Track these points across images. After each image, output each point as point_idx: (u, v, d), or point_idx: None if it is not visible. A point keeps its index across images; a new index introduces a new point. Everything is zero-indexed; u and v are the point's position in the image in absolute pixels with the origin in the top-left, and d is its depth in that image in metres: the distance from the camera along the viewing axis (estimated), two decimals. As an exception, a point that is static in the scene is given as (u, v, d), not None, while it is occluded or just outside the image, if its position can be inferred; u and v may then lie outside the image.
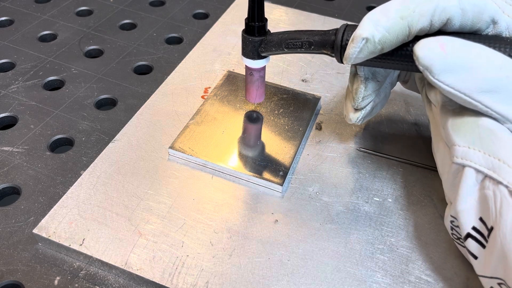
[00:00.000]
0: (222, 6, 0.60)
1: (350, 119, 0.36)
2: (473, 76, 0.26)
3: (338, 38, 0.31)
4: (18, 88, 0.46)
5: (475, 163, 0.26)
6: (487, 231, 0.26)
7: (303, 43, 0.33)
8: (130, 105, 0.44)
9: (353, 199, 0.35)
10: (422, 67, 0.27)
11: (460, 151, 0.27)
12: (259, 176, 0.36)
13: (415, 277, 0.31)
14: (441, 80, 0.26)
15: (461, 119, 0.28)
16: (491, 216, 0.25)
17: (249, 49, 0.36)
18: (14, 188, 0.37)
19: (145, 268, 0.30)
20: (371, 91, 0.34)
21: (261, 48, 0.35)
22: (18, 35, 0.53)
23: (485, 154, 0.26)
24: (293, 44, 0.33)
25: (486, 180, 0.26)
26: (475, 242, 0.27)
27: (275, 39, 0.34)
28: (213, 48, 0.50)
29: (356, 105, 0.35)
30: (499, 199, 0.25)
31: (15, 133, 0.41)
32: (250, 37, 0.35)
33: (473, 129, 0.27)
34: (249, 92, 0.39)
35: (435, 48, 0.26)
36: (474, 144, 0.27)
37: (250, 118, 0.41)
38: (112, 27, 0.56)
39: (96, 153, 0.39)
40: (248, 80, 0.38)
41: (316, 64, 0.49)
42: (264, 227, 0.33)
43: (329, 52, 0.32)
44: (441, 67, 0.26)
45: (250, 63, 0.37)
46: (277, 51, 0.35)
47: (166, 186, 0.36)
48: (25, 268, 0.31)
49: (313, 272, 0.31)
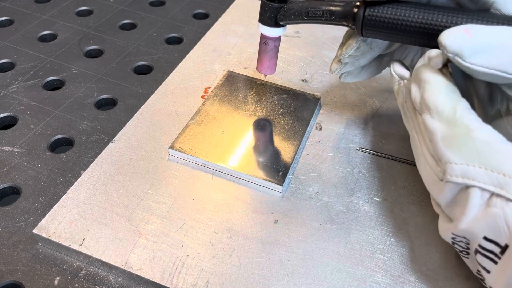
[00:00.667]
0: (222, 6, 0.60)
1: (330, 68, 0.37)
2: (504, 52, 0.26)
3: (360, 10, 0.31)
4: (18, 88, 0.46)
5: (479, 181, 0.25)
6: (499, 248, 0.25)
7: (324, 12, 0.33)
8: (130, 105, 0.44)
9: (353, 199, 0.35)
10: (452, 54, 0.27)
11: (459, 169, 0.25)
12: (259, 176, 0.36)
13: (415, 277, 0.31)
14: (474, 62, 0.27)
15: (452, 132, 0.26)
16: (503, 234, 0.24)
17: (267, 16, 0.35)
18: (14, 188, 0.37)
19: (145, 268, 0.30)
20: (360, 53, 0.35)
21: (280, 16, 0.35)
22: (18, 35, 0.53)
23: (487, 170, 0.24)
24: (313, 13, 0.33)
25: (494, 198, 0.24)
26: (485, 258, 0.26)
27: (295, 7, 0.34)
28: (213, 48, 0.50)
29: (340, 58, 0.36)
30: (511, 216, 0.24)
31: (15, 133, 0.41)
32: (270, 3, 0.35)
33: (468, 144, 0.25)
34: (261, 62, 0.38)
35: (460, 34, 0.27)
36: (473, 160, 0.25)
37: (250, 118, 0.41)
38: (112, 27, 0.56)
39: (96, 153, 0.39)
40: (262, 50, 0.38)
41: (316, 64, 0.49)
42: (264, 227, 0.33)
43: (350, 24, 0.33)
44: (471, 50, 0.26)
45: (267, 31, 0.36)
46: (296, 20, 0.35)
47: (166, 186, 0.36)
48: (25, 268, 0.31)
49: (313, 272, 0.31)
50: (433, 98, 0.28)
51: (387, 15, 0.31)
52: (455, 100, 0.27)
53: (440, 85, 0.28)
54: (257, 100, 0.43)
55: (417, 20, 0.30)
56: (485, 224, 0.25)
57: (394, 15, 0.31)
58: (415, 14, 0.30)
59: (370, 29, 0.32)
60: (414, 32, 0.31)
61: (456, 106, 0.27)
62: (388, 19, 0.31)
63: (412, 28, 0.30)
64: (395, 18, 0.31)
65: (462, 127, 0.26)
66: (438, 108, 0.27)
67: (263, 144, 0.38)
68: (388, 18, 0.31)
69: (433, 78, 0.29)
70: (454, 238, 0.28)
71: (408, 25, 0.30)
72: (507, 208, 0.24)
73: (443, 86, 0.28)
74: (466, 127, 0.26)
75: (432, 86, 0.28)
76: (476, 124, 0.26)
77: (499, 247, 0.25)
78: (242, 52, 0.50)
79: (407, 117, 0.32)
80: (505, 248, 0.24)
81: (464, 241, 0.27)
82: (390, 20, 0.31)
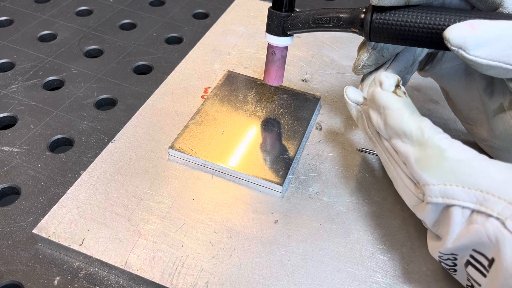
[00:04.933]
0: (222, 6, 0.60)
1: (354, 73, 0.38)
2: (508, 44, 0.26)
3: (368, 15, 0.32)
4: (18, 88, 0.46)
5: (458, 199, 0.25)
6: (487, 261, 0.25)
7: (332, 19, 0.33)
8: (130, 105, 0.44)
9: (353, 199, 0.35)
10: (455, 47, 0.27)
11: (437, 190, 0.26)
12: (259, 176, 0.36)
13: (415, 277, 0.31)
14: (477, 54, 0.27)
15: (425, 154, 0.26)
16: (488, 248, 0.24)
17: (274, 25, 0.35)
18: (14, 188, 0.37)
19: (145, 268, 0.30)
20: (373, 62, 0.35)
21: (287, 25, 0.35)
22: (18, 35, 0.53)
23: (464, 188, 0.25)
24: (321, 20, 0.34)
25: (474, 215, 0.25)
26: (476, 270, 0.26)
27: (303, 15, 0.34)
28: (213, 48, 0.50)
29: (355, 71, 0.36)
30: (492, 231, 0.24)
31: (15, 133, 0.41)
32: (277, 12, 0.35)
33: (442, 164, 0.25)
34: (269, 72, 0.38)
35: (465, 28, 0.27)
36: (449, 180, 0.25)
37: (250, 118, 0.41)
38: (112, 27, 0.56)
39: (96, 153, 0.39)
40: (269, 60, 0.38)
41: (316, 64, 0.49)
42: (264, 227, 0.33)
43: (357, 30, 0.33)
44: (475, 42, 0.27)
45: (274, 40, 0.36)
46: (304, 28, 0.35)
47: (166, 186, 0.36)
48: (25, 268, 0.31)
49: (313, 272, 0.31)
50: (398, 123, 0.28)
51: (395, 19, 0.31)
52: (419, 120, 0.27)
53: (400, 108, 0.28)
54: (257, 100, 0.43)
55: (424, 22, 0.30)
56: (470, 240, 0.25)
57: (402, 18, 0.31)
58: (422, 16, 0.30)
59: (378, 34, 0.32)
60: (422, 35, 0.31)
61: (421, 126, 0.27)
62: (395, 22, 0.31)
63: (419, 30, 0.30)
64: (402, 21, 0.31)
65: (434, 148, 0.26)
66: (406, 132, 0.27)
67: (263, 144, 0.38)
68: (395, 21, 0.31)
69: (391, 102, 0.29)
70: (441, 256, 0.28)
71: (415, 28, 0.31)
72: (487, 223, 0.24)
73: (403, 108, 0.28)
74: (438, 148, 0.26)
75: (393, 112, 0.28)
76: (446, 142, 0.26)
77: (487, 259, 0.25)
78: (242, 52, 0.50)
79: (373, 142, 0.32)
80: (492, 261, 0.24)
81: (451, 257, 0.27)
82: (398, 23, 0.31)
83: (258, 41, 0.52)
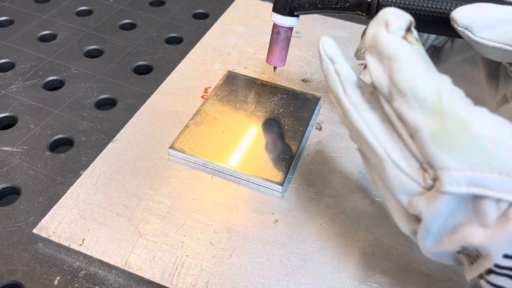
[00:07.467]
0: (222, 6, 0.60)
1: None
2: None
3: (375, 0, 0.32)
4: (18, 88, 0.46)
5: (492, 189, 0.20)
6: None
7: (338, 0, 0.33)
8: (130, 105, 0.44)
9: (353, 199, 0.35)
10: (462, 27, 0.27)
11: (461, 176, 0.20)
12: (259, 176, 0.36)
13: (415, 277, 0.31)
14: (483, 36, 0.27)
15: (443, 127, 0.20)
16: None
17: (281, 4, 0.36)
18: (14, 188, 0.37)
19: (145, 268, 0.30)
20: None
21: (294, 4, 0.36)
22: (18, 35, 0.53)
23: (501, 175, 0.19)
24: (328, 1, 0.34)
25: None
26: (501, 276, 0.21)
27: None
28: (213, 48, 0.50)
29: (357, 55, 0.36)
30: None
31: (15, 133, 0.41)
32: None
33: (469, 143, 0.20)
34: (272, 53, 0.38)
35: (472, 10, 0.27)
36: (480, 163, 0.20)
37: (250, 118, 0.41)
38: (112, 27, 0.56)
39: (96, 153, 0.39)
40: (274, 40, 0.38)
41: (316, 64, 0.49)
42: (264, 227, 0.33)
43: (364, 14, 0.33)
44: (481, 24, 0.27)
45: (280, 20, 0.37)
46: (310, 8, 0.35)
47: (166, 186, 0.36)
48: (25, 268, 0.31)
49: (313, 272, 0.31)
50: (408, 82, 0.21)
51: (402, 2, 0.31)
52: (437, 79, 0.21)
53: (411, 61, 0.21)
54: (257, 100, 0.43)
55: (431, 6, 0.30)
56: (504, 240, 0.20)
57: (409, 2, 0.31)
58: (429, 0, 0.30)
59: None
60: (428, 19, 0.31)
61: (439, 88, 0.21)
62: (403, 5, 0.31)
63: (426, 14, 0.31)
64: (409, 4, 0.31)
65: (456, 119, 0.20)
66: (418, 95, 0.20)
67: (263, 144, 0.38)
68: (403, 5, 0.31)
69: (401, 51, 0.21)
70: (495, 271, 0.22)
71: (422, 12, 0.31)
72: None
73: (415, 61, 0.21)
74: (461, 120, 0.20)
75: (403, 64, 0.21)
76: (472, 113, 0.20)
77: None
78: (242, 52, 0.50)
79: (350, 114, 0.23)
80: None
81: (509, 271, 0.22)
82: (405, 7, 0.31)
83: (258, 41, 0.52)
